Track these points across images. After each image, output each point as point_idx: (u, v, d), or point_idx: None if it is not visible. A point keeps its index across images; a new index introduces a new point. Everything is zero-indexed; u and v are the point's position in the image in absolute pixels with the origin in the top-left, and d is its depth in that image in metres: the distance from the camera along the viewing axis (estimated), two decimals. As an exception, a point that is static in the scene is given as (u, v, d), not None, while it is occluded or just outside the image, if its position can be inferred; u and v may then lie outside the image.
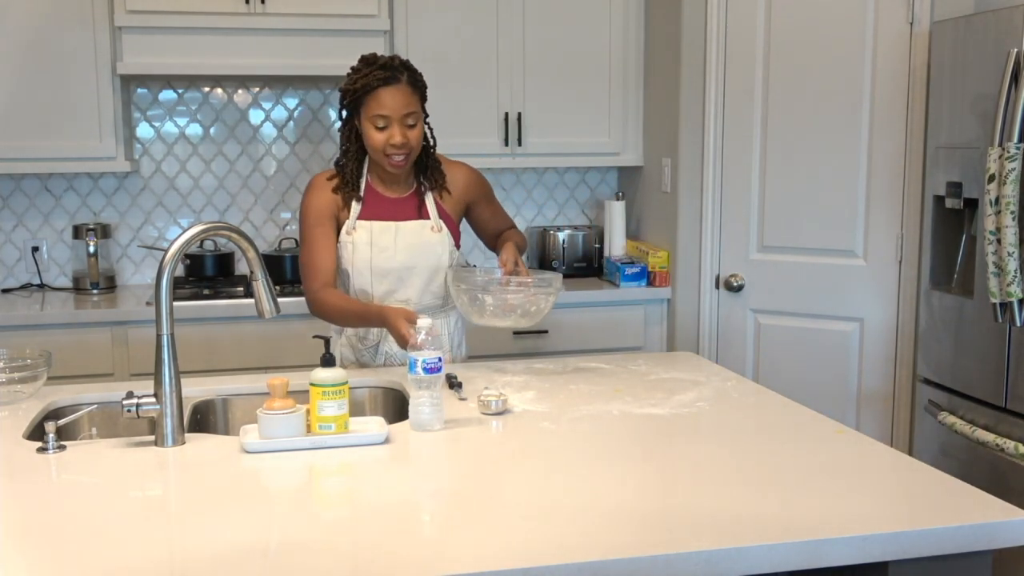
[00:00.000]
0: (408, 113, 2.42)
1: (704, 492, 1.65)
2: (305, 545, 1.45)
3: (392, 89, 2.40)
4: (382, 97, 2.40)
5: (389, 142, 2.42)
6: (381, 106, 2.40)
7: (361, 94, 2.42)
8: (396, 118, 2.41)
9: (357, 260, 2.51)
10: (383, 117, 2.40)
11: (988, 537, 1.52)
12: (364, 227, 2.51)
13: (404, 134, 2.42)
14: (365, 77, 2.41)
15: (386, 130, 2.42)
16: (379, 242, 2.51)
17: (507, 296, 2.38)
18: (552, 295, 2.40)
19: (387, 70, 2.41)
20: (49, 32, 3.57)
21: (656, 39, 3.94)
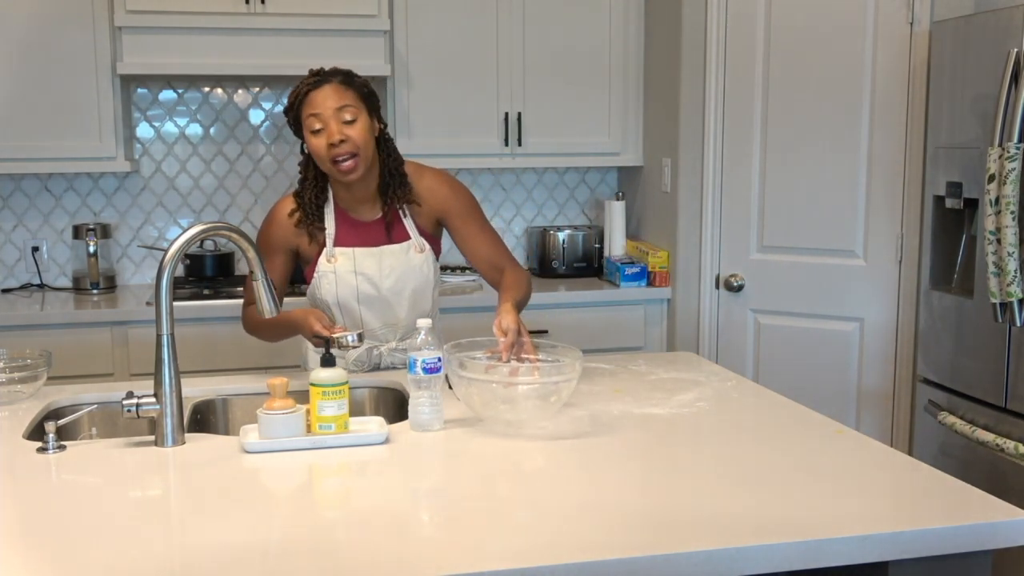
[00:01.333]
0: (341, 107, 2.29)
1: (704, 492, 1.65)
2: (305, 545, 1.45)
3: (321, 89, 2.30)
4: (312, 98, 2.29)
5: (329, 142, 2.27)
6: (313, 107, 2.29)
7: (297, 108, 2.32)
8: (329, 115, 2.28)
9: (342, 290, 2.41)
10: (316, 117, 2.28)
11: (988, 537, 1.52)
12: (345, 254, 2.41)
13: (341, 130, 2.27)
14: (297, 88, 2.33)
15: (322, 133, 2.28)
16: (364, 270, 2.41)
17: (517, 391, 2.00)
18: (572, 380, 2.00)
19: (317, 75, 2.32)
20: (49, 32, 3.57)
21: (656, 39, 3.94)
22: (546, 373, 2.03)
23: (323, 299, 2.45)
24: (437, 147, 3.93)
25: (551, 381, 1.97)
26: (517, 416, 1.96)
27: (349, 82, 2.34)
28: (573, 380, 1.98)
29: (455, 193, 2.49)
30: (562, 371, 2.01)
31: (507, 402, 1.95)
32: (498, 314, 2.21)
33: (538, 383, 1.98)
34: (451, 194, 2.49)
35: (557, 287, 3.92)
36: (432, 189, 2.47)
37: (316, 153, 2.31)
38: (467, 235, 2.49)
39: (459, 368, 1.98)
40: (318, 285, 2.43)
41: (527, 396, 1.95)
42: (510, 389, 1.96)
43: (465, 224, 2.49)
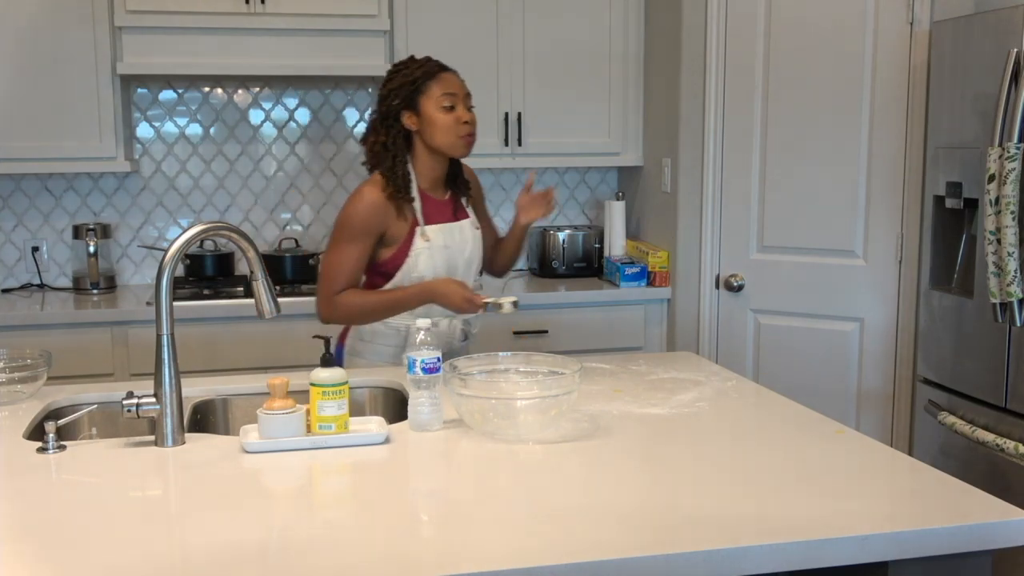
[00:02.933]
0: (468, 95, 2.54)
1: (704, 492, 1.65)
2: (305, 545, 1.45)
3: (452, 74, 2.53)
4: (445, 79, 2.50)
5: (460, 119, 2.48)
6: (448, 86, 2.49)
7: (422, 82, 2.49)
8: (461, 97, 2.50)
9: (438, 263, 2.54)
10: (450, 95, 2.48)
11: (988, 537, 1.52)
12: (435, 231, 2.54)
13: (470, 114, 2.51)
14: (422, 67, 2.51)
15: (455, 110, 2.48)
16: (450, 244, 2.57)
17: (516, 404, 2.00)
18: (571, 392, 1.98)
19: (437, 61, 2.54)
20: (49, 32, 3.57)
21: (656, 39, 3.94)
22: (545, 387, 2.01)
23: (420, 275, 2.53)
24: (437, 147, 3.93)
25: (550, 395, 1.96)
26: (517, 432, 1.95)
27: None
28: (573, 393, 1.97)
29: (478, 183, 2.79)
30: (561, 384, 1.99)
31: (506, 418, 1.94)
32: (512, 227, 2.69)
33: (537, 397, 1.96)
34: (478, 183, 2.78)
35: (557, 287, 3.92)
36: (474, 180, 2.75)
37: (443, 126, 2.48)
38: (483, 220, 2.75)
39: (460, 387, 1.97)
40: (415, 264, 2.52)
41: (526, 411, 1.94)
42: (509, 405, 1.94)
43: (481, 208, 2.77)
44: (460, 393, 1.96)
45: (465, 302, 2.41)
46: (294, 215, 4.16)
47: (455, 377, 1.99)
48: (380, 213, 2.49)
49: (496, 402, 1.95)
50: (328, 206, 4.17)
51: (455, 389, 1.96)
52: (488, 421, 1.95)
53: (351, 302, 2.48)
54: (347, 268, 2.48)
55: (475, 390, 1.98)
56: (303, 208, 4.17)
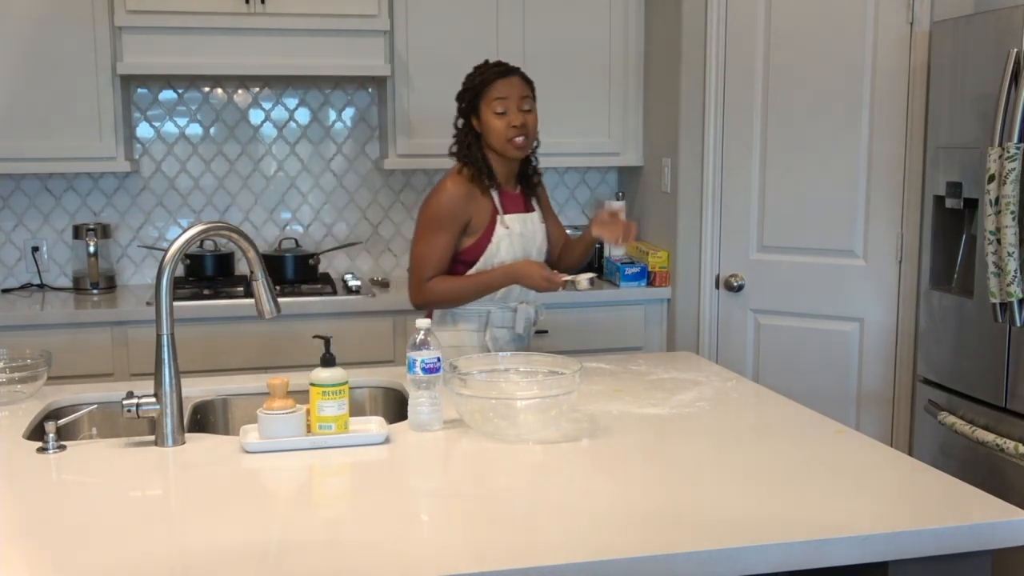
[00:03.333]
0: (524, 97, 2.68)
1: (704, 492, 1.65)
2: (305, 545, 1.45)
3: (509, 79, 2.68)
4: (500, 85, 2.67)
5: (511, 124, 2.64)
6: (501, 91, 2.66)
7: (480, 87, 2.68)
8: (514, 101, 2.66)
9: (517, 250, 2.71)
10: (502, 100, 2.65)
11: (988, 537, 1.52)
12: (513, 220, 2.73)
13: (522, 117, 2.66)
14: (483, 73, 2.71)
15: (506, 115, 2.65)
16: (526, 232, 2.75)
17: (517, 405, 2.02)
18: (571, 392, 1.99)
19: (501, 66, 2.71)
20: (49, 32, 3.57)
21: (656, 39, 3.94)
22: (545, 387, 2.01)
23: (502, 261, 2.70)
24: (437, 147, 3.90)
25: (550, 395, 1.96)
26: (517, 432, 1.95)
27: (526, 79, 2.74)
28: (573, 393, 1.97)
29: (543, 186, 2.93)
30: (561, 384, 1.99)
31: (506, 418, 1.94)
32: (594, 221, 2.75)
33: (537, 398, 1.96)
34: (541, 187, 2.92)
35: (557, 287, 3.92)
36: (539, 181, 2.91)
37: (495, 130, 2.67)
38: (551, 219, 2.93)
39: (460, 387, 1.97)
40: (496, 251, 2.70)
41: (526, 411, 1.94)
42: (509, 405, 1.95)
43: (548, 208, 2.94)
44: (460, 393, 1.96)
45: (545, 281, 2.58)
46: (294, 215, 4.16)
47: (455, 377, 1.99)
48: (463, 203, 2.67)
49: (496, 402, 1.95)
50: (328, 206, 4.18)
51: (455, 389, 1.96)
52: (488, 421, 1.95)
53: (440, 288, 2.67)
54: (435, 256, 2.66)
55: (475, 390, 1.98)
56: (303, 208, 4.17)
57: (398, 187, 4.23)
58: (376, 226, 4.23)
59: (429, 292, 2.68)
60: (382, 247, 4.25)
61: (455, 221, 2.66)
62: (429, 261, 2.66)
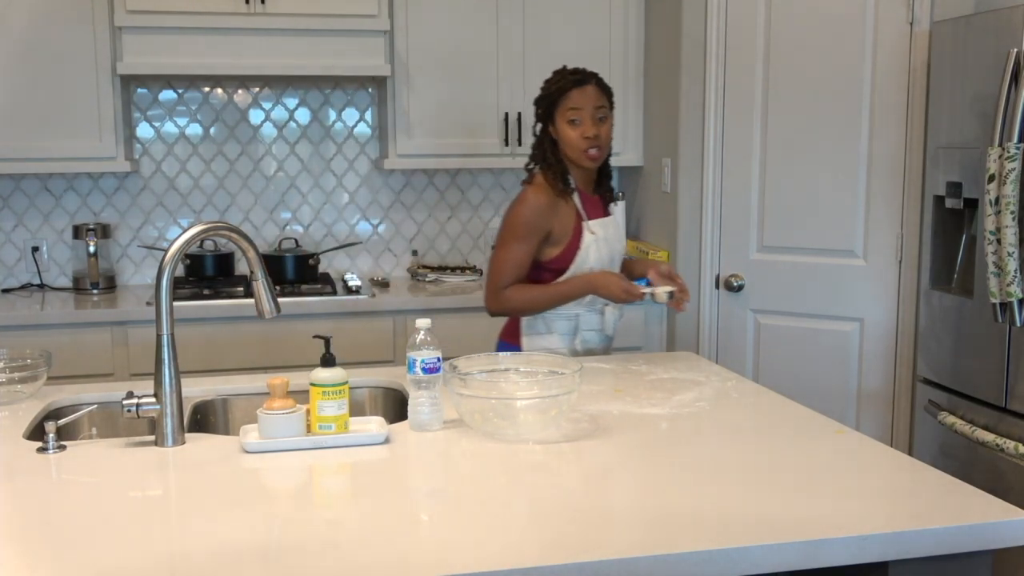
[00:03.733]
0: (598, 107, 2.65)
1: (704, 492, 1.65)
2: (305, 545, 1.45)
3: (583, 89, 2.64)
4: (575, 95, 2.64)
5: (584, 135, 2.63)
6: (575, 101, 2.63)
7: (556, 96, 2.66)
8: (588, 112, 2.63)
9: (604, 255, 2.72)
10: (576, 110, 2.62)
11: (988, 537, 1.52)
12: (597, 225, 2.72)
13: (596, 127, 2.64)
14: (559, 81, 2.67)
15: (580, 125, 2.63)
16: (609, 237, 2.75)
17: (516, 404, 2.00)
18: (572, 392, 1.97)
19: (577, 73, 2.67)
20: (49, 32, 3.57)
21: (656, 39, 3.94)
22: (545, 387, 2.01)
23: (590, 268, 2.68)
24: (437, 147, 3.93)
25: (550, 395, 1.96)
26: (517, 432, 1.95)
27: (602, 87, 2.70)
28: (573, 393, 1.97)
29: None
30: (561, 384, 1.99)
31: (506, 418, 1.94)
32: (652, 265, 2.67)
33: (537, 397, 1.96)
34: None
35: (557, 287, 3.92)
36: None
37: (569, 140, 2.65)
38: None
39: (460, 387, 1.97)
40: (585, 257, 2.69)
41: (526, 411, 1.94)
42: (509, 405, 1.95)
43: None
44: (460, 393, 1.96)
45: (624, 292, 2.56)
46: (294, 215, 4.16)
47: (455, 377, 1.99)
48: (545, 214, 2.65)
49: (496, 402, 1.95)
50: (328, 206, 4.18)
51: (455, 389, 1.96)
52: (488, 421, 1.95)
53: (517, 296, 2.65)
54: (514, 265, 2.64)
55: (475, 390, 1.98)
56: (303, 208, 4.17)
57: (398, 187, 4.23)
58: (376, 226, 4.23)
59: (505, 300, 2.66)
60: (382, 247, 4.25)
61: (536, 232, 2.64)
62: (507, 269, 2.64)
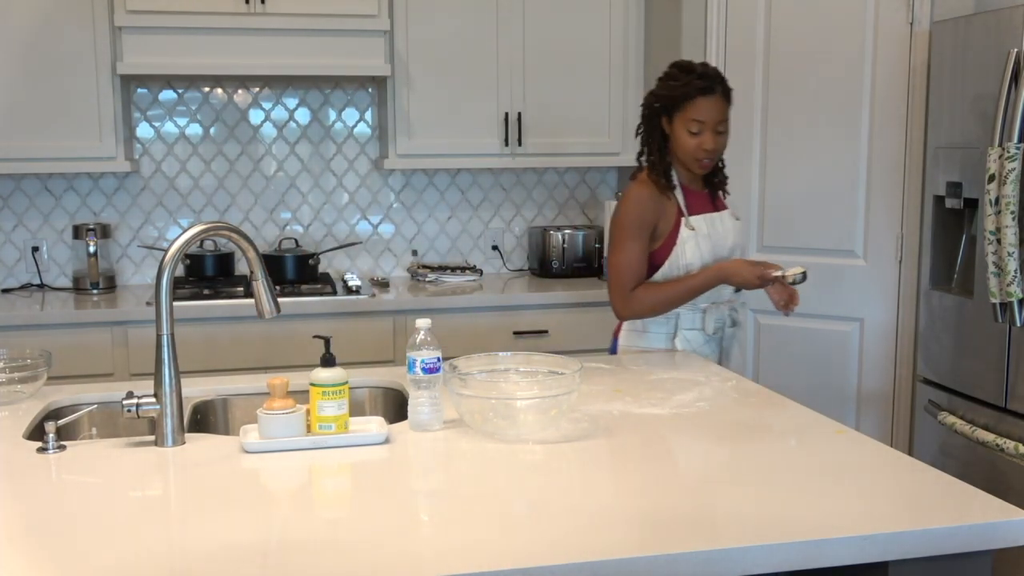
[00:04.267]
0: (720, 121, 2.60)
1: (704, 492, 1.65)
2: (305, 545, 1.45)
3: (709, 99, 2.58)
4: (700, 105, 2.57)
5: (702, 147, 2.59)
6: (699, 113, 2.57)
7: (680, 100, 2.59)
8: (710, 125, 2.58)
9: (704, 251, 2.66)
10: (699, 123, 2.57)
11: (988, 537, 1.52)
12: (699, 221, 2.66)
13: (715, 140, 2.60)
14: (685, 85, 2.59)
15: (699, 136, 2.58)
16: (712, 232, 2.68)
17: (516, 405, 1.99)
18: (572, 392, 1.97)
19: (705, 80, 2.58)
20: (49, 32, 3.57)
21: (656, 39, 3.94)
22: (545, 387, 2.01)
23: (687, 263, 2.64)
24: (437, 147, 3.93)
25: (550, 395, 1.96)
26: (517, 432, 1.95)
27: (726, 94, 2.63)
28: (573, 393, 1.97)
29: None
30: (561, 384, 1.98)
31: (506, 418, 1.94)
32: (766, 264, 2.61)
33: (537, 397, 1.96)
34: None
35: (557, 287, 3.92)
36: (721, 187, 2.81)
37: (685, 148, 2.61)
38: None
39: (459, 387, 1.97)
40: (682, 252, 2.64)
41: (526, 411, 1.94)
42: (509, 405, 1.94)
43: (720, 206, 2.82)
44: (460, 393, 1.96)
45: (756, 277, 2.54)
46: (294, 215, 4.16)
47: (455, 377, 1.99)
48: (651, 208, 2.63)
49: (496, 402, 1.95)
50: (328, 206, 4.18)
51: (455, 389, 1.96)
52: (488, 421, 1.95)
53: (648, 296, 2.62)
54: (635, 265, 2.63)
55: (475, 390, 1.98)
56: (303, 208, 4.17)
57: (398, 187, 4.23)
58: (376, 226, 4.23)
59: (636, 302, 2.63)
60: (382, 247, 4.25)
61: (645, 226, 2.62)
62: (629, 270, 2.62)
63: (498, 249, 4.34)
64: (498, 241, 4.34)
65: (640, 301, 2.63)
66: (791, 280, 2.55)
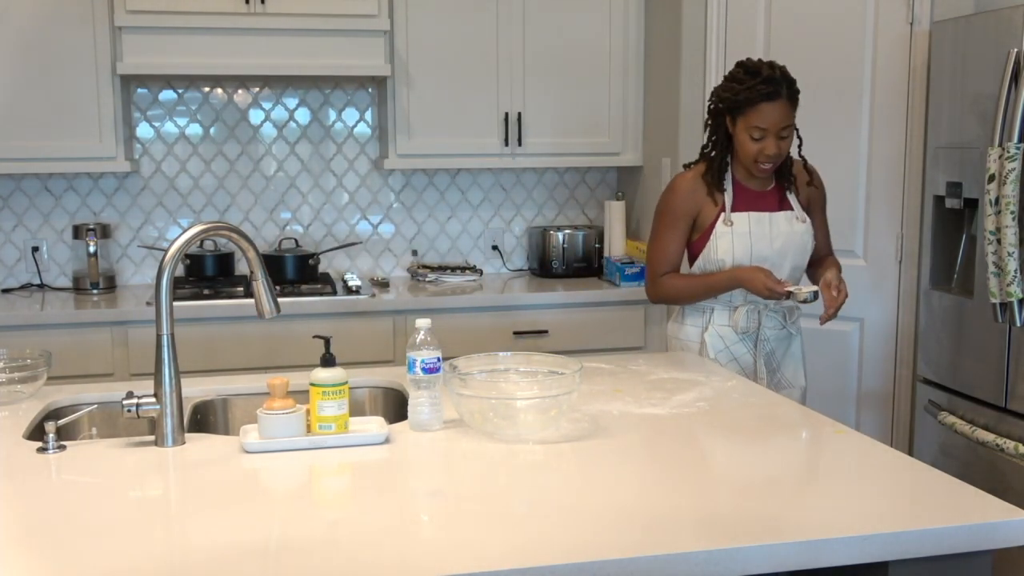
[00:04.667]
0: (784, 127, 2.58)
1: (704, 492, 1.65)
2: (305, 545, 1.45)
3: (773, 104, 2.55)
4: (764, 111, 2.55)
5: (763, 152, 2.58)
6: (762, 119, 2.55)
7: (744, 105, 2.56)
8: (773, 131, 2.56)
9: (738, 249, 2.64)
10: (761, 130, 2.56)
11: (988, 537, 1.52)
12: (741, 218, 2.65)
13: (778, 146, 2.58)
14: (749, 90, 2.56)
15: (761, 141, 2.57)
16: (756, 231, 2.65)
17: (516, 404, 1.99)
18: (572, 392, 1.97)
19: (770, 84, 2.55)
20: (49, 32, 3.57)
21: (656, 39, 3.94)
22: (545, 387, 2.01)
23: (719, 259, 2.66)
24: (437, 147, 3.93)
25: (550, 395, 1.96)
26: (517, 432, 1.95)
27: (791, 97, 2.60)
28: (573, 393, 1.97)
29: (821, 191, 2.80)
30: (561, 384, 1.98)
31: (506, 418, 1.94)
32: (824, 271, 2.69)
33: (537, 397, 1.96)
34: (820, 191, 2.80)
35: (557, 287, 3.92)
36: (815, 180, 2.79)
37: (746, 152, 2.60)
38: (815, 224, 2.77)
39: (459, 387, 1.97)
40: (715, 246, 2.66)
41: (526, 411, 1.94)
42: (509, 405, 1.94)
43: (819, 217, 2.81)
44: (460, 393, 1.96)
45: (766, 288, 2.54)
46: (294, 215, 4.16)
47: (455, 377, 1.99)
48: (690, 197, 2.67)
49: (496, 402, 1.95)
50: (328, 206, 4.18)
51: (455, 389, 1.96)
52: (488, 421, 1.95)
53: (670, 285, 2.71)
54: (668, 252, 2.69)
55: (475, 390, 1.98)
56: (303, 208, 4.17)
57: (398, 187, 4.23)
58: (376, 226, 4.23)
59: (661, 288, 2.73)
60: (382, 247, 4.25)
61: (682, 216, 2.67)
62: (662, 257, 2.70)
63: (498, 249, 4.34)
64: (498, 241, 4.34)
65: (665, 288, 2.72)
66: (801, 299, 2.56)
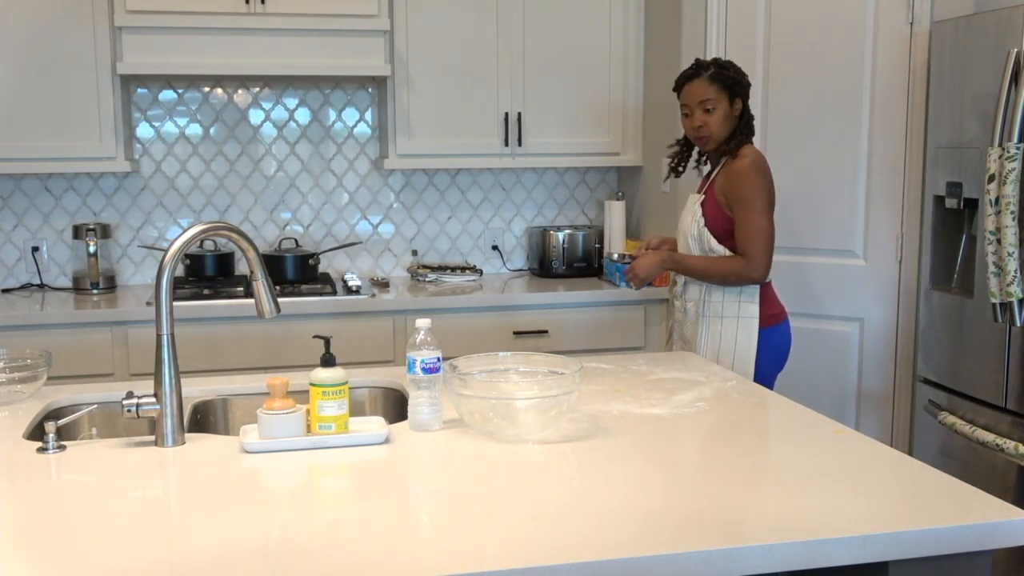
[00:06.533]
0: (703, 100, 2.84)
1: (704, 492, 1.65)
2: (305, 545, 1.45)
3: (693, 83, 2.87)
4: (686, 90, 2.89)
5: (691, 125, 2.89)
6: (684, 97, 2.89)
7: (676, 89, 2.92)
8: (693, 105, 2.86)
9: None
10: (685, 106, 2.90)
11: (988, 537, 1.52)
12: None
13: (701, 118, 2.84)
14: (679, 76, 2.92)
15: (690, 117, 2.89)
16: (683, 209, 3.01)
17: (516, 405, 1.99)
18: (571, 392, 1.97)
19: (690, 69, 2.90)
20: (49, 32, 3.57)
21: (656, 39, 3.94)
22: (545, 387, 2.01)
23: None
24: (437, 147, 3.93)
25: (550, 395, 1.96)
26: (517, 432, 1.95)
27: (715, 77, 2.85)
28: (573, 393, 1.97)
29: (733, 181, 2.82)
30: (561, 384, 1.98)
31: (506, 418, 1.94)
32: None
33: (537, 397, 1.96)
34: (730, 181, 2.83)
35: (557, 287, 3.92)
36: (728, 169, 2.85)
37: (685, 128, 2.94)
38: (734, 219, 2.83)
39: (459, 387, 1.97)
40: None
41: (526, 411, 1.94)
42: (509, 405, 1.94)
43: (733, 210, 2.83)
44: (460, 393, 1.96)
45: None
46: (294, 215, 4.16)
47: (455, 377, 1.99)
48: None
49: (496, 402, 1.95)
50: (328, 206, 4.18)
51: (455, 389, 1.96)
52: (488, 421, 1.95)
53: None
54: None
55: (475, 390, 1.98)
56: (303, 208, 4.17)
57: (398, 187, 4.23)
58: (376, 226, 4.23)
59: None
60: (382, 247, 4.25)
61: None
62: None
63: (498, 249, 4.34)
64: (498, 241, 4.34)
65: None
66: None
